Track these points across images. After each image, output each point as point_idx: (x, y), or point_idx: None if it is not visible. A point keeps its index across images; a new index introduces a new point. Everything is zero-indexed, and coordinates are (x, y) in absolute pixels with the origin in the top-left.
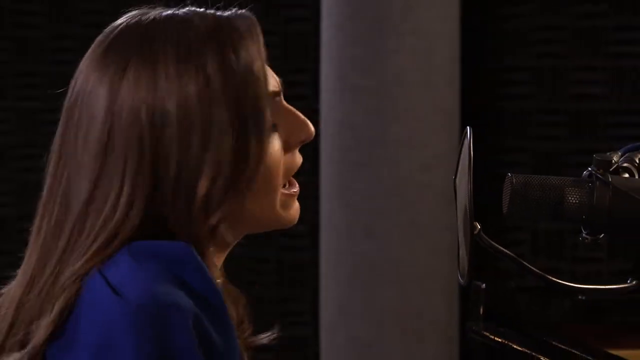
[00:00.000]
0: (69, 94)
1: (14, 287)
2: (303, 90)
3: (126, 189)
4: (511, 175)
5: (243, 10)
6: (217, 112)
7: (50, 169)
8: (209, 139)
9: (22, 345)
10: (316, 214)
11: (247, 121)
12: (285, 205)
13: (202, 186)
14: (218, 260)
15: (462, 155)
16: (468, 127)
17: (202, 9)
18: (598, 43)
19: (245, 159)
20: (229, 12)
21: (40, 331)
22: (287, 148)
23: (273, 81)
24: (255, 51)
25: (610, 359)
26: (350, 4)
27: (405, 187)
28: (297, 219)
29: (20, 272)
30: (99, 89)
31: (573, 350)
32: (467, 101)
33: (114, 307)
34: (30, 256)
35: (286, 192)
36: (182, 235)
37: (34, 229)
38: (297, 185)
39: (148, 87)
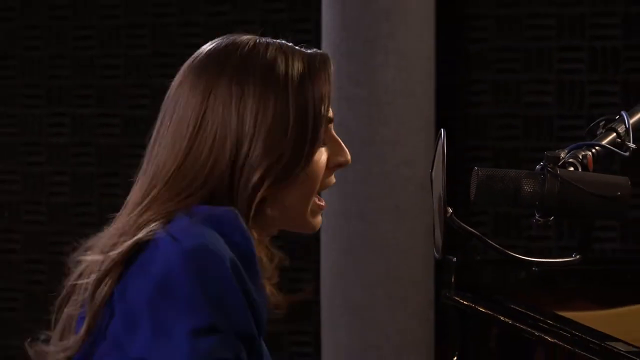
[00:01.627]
0: (166, 98)
1: (109, 231)
2: None
3: (209, 165)
4: (477, 169)
5: (321, 51)
6: (287, 123)
7: (149, 145)
8: (273, 141)
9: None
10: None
11: (307, 133)
12: (314, 214)
13: (259, 171)
14: (259, 240)
15: (437, 153)
16: (442, 130)
17: (290, 44)
18: (545, 61)
19: (298, 160)
20: (313, 50)
21: (123, 247)
22: (329, 166)
23: (330, 110)
24: (326, 83)
25: (557, 319)
26: (345, 29)
27: (391, 179)
28: (318, 229)
29: (118, 216)
30: (194, 96)
31: (527, 312)
32: (441, 108)
33: (172, 249)
34: (126, 206)
35: (318, 202)
36: (242, 206)
37: (130, 194)
38: (324, 203)
39: (236, 98)
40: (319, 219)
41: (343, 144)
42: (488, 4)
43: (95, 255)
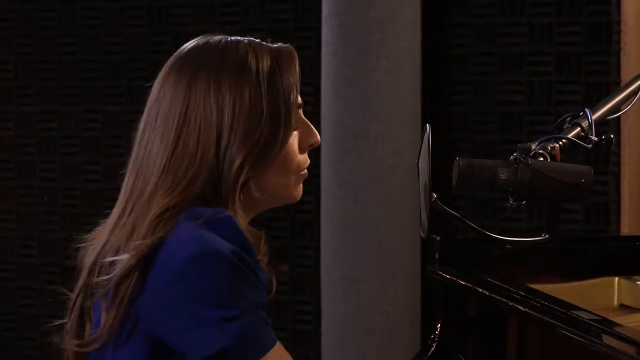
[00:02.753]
0: (151, 95)
1: (109, 220)
2: (309, 99)
3: (198, 156)
4: (458, 159)
5: (287, 44)
6: (261, 111)
7: (137, 140)
8: (251, 128)
9: (111, 264)
10: (318, 186)
11: (280, 119)
12: (296, 186)
13: (240, 157)
14: (245, 219)
15: (423, 145)
16: (427, 125)
17: (258, 40)
18: (517, 65)
19: (274, 144)
20: (278, 44)
21: (139, 249)
22: (301, 147)
23: (299, 97)
24: (294, 73)
25: (528, 291)
26: (342, 37)
27: (382, 167)
28: (300, 197)
29: (112, 213)
30: (177, 91)
31: (502, 284)
32: (426, 106)
33: (183, 253)
34: (121, 201)
35: (301, 174)
36: (224, 193)
37: (124, 183)
38: (306, 173)
39: (214, 92)
40: (300, 188)
41: (312, 127)
42: (467, 14)
43: (120, 254)
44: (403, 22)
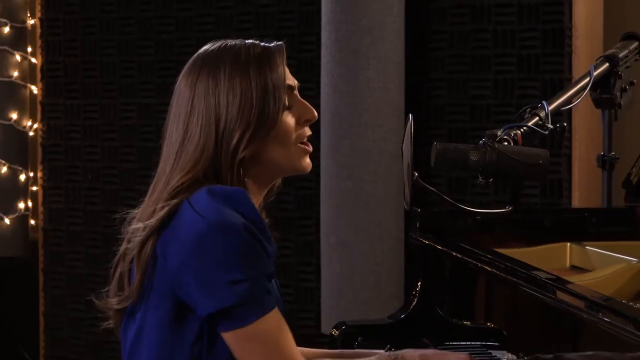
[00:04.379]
0: (175, 91)
1: (145, 200)
2: (310, 93)
3: (202, 142)
4: (436, 144)
5: (278, 42)
6: (251, 95)
7: (167, 129)
8: (244, 111)
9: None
10: (318, 167)
11: (269, 99)
12: (301, 157)
13: (236, 136)
14: (260, 194)
15: (406, 132)
16: (410, 115)
17: (251, 41)
18: (485, 65)
19: (265, 121)
20: (270, 43)
21: (158, 216)
22: (299, 123)
23: (291, 81)
24: (281, 64)
25: (494, 254)
26: (338, 42)
27: (371, 151)
28: (309, 168)
29: (153, 186)
30: (185, 88)
31: (472, 249)
32: (408, 100)
33: (200, 224)
34: (152, 183)
35: (301, 146)
36: (224, 174)
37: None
38: (310, 147)
39: (212, 84)
40: (308, 160)
41: (308, 104)
42: (443, 23)
43: (139, 224)
44: (389, 29)
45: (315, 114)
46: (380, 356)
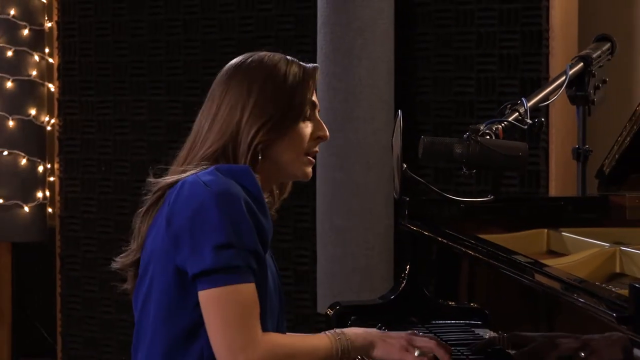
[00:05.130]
0: (210, 93)
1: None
2: None
3: (224, 125)
4: (423, 137)
5: (315, 64)
6: (280, 99)
7: (197, 121)
8: (266, 111)
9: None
10: (314, 158)
11: (293, 107)
12: (306, 166)
13: (254, 129)
14: (267, 186)
15: (396, 126)
16: (399, 111)
17: (290, 58)
18: (468, 64)
19: (284, 123)
20: (307, 64)
21: (165, 183)
22: (312, 137)
23: (316, 100)
24: (311, 82)
25: (477, 240)
26: (332, 43)
27: (363, 143)
28: (309, 177)
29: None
30: (218, 86)
31: (457, 234)
32: (398, 96)
33: (205, 192)
34: (177, 163)
35: (308, 157)
36: (239, 156)
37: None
38: (314, 161)
39: (250, 78)
40: (310, 170)
41: (324, 125)
42: (430, 25)
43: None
44: (379, 31)
45: (328, 134)
46: (328, 332)
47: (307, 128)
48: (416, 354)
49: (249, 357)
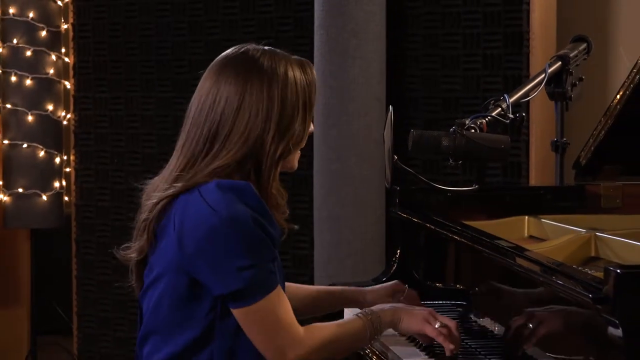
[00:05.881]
0: (205, 87)
1: (164, 174)
2: None
3: (246, 135)
4: (412, 131)
5: (304, 59)
6: (298, 107)
7: (195, 115)
8: (288, 126)
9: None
10: (311, 151)
11: (307, 113)
12: (297, 159)
13: (282, 145)
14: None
15: (387, 121)
16: (390, 106)
17: (283, 52)
18: (454, 63)
19: (302, 136)
20: (298, 58)
21: (173, 191)
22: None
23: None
24: (314, 79)
25: (463, 226)
26: (328, 43)
27: (357, 137)
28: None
29: (167, 168)
30: (235, 84)
31: (443, 221)
32: (389, 93)
33: (213, 218)
34: (178, 158)
35: (299, 152)
36: (266, 169)
37: (181, 144)
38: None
39: (268, 87)
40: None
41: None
42: (419, 27)
43: (156, 194)
44: (372, 32)
45: (313, 127)
46: (359, 314)
47: (310, 127)
48: (437, 325)
49: (298, 352)
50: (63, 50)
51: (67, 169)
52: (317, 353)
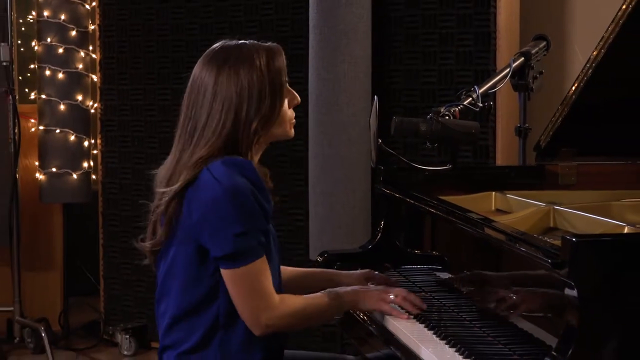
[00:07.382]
0: (190, 81)
1: (167, 164)
2: (301, 81)
3: (222, 122)
4: (395, 117)
5: (275, 43)
6: (265, 89)
7: (183, 110)
8: (259, 103)
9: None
10: (307, 136)
11: (277, 94)
12: (289, 129)
13: (255, 123)
14: (258, 156)
15: (372, 109)
16: (375, 96)
17: (256, 42)
18: (432, 59)
19: (275, 111)
20: (270, 43)
21: (182, 181)
22: (289, 106)
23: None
24: (282, 61)
25: (438, 200)
26: (322, 42)
27: (346, 123)
28: (293, 135)
29: (168, 159)
30: (210, 77)
31: (422, 196)
32: (374, 85)
33: (217, 187)
34: (174, 151)
35: (291, 122)
36: (244, 147)
37: (176, 138)
38: (294, 121)
39: (237, 78)
40: (292, 130)
41: (294, 92)
42: (401, 27)
43: (167, 187)
44: (360, 32)
45: (299, 99)
46: (325, 292)
47: (286, 102)
48: (391, 297)
49: (269, 316)
50: (90, 47)
51: (95, 151)
52: (287, 320)
